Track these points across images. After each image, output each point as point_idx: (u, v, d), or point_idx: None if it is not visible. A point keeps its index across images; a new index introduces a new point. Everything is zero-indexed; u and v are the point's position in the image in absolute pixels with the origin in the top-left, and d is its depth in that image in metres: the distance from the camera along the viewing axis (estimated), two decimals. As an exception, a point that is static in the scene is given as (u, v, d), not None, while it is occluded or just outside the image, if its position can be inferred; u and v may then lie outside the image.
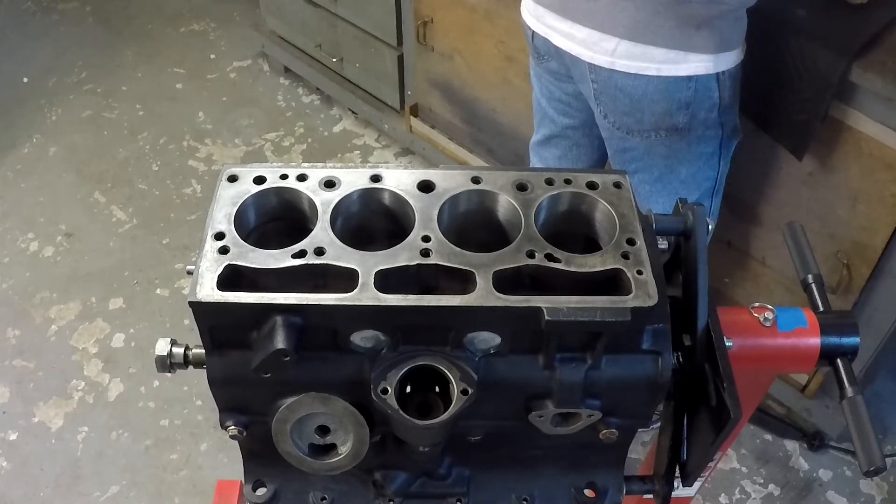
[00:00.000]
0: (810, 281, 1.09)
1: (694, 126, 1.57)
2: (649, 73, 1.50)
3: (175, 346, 0.85)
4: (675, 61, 1.48)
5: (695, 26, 1.44)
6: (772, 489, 2.13)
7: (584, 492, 0.94)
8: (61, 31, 3.48)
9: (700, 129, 1.58)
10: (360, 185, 0.83)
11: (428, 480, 0.94)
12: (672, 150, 1.62)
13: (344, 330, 0.77)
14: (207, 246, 0.77)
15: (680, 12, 1.42)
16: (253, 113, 3.12)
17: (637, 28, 1.46)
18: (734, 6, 1.44)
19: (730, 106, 1.58)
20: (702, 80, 1.50)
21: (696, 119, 1.56)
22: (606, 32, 1.49)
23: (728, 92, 1.54)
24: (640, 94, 1.53)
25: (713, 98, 1.53)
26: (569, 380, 0.80)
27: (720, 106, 1.55)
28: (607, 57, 1.51)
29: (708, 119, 1.57)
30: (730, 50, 1.50)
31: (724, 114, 1.58)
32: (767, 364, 1.05)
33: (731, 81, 1.54)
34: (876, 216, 1.67)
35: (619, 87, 1.54)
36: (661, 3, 1.42)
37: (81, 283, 2.58)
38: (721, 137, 1.62)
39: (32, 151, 3.00)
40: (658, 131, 1.59)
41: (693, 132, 1.59)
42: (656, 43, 1.47)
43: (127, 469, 2.17)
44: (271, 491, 0.93)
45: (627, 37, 1.47)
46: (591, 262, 0.78)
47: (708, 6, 1.42)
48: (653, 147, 1.62)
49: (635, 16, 1.45)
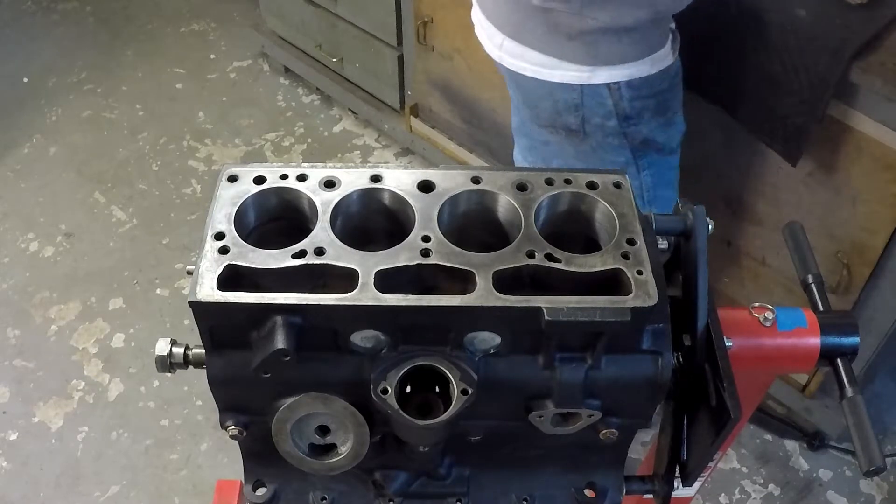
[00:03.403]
0: (810, 281, 1.09)
1: (591, 131, 1.54)
2: (527, 73, 1.50)
3: (175, 346, 0.85)
4: (548, 66, 1.47)
5: (565, 36, 1.42)
6: (772, 489, 2.13)
7: (584, 492, 0.94)
8: (61, 31, 3.48)
9: (599, 135, 1.54)
10: (360, 185, 0.83)
11: (428, 480, 0.94)
12: (579, 152, 1.59)
13: (344, 330, 0.77)
14: (207, 246, 0.77)
15: (549, 20, 1.41)
16: (253, 113, 3.12)
17: (516, 28, 1.47)
18: (606, 22, 1.39)
19: (635, 117, 1.52)
20: (588, 87, 1.47)
21: (591, 124, 1.52)
22: (495, 27, 1.51)
23: (630, 103, 1.49)
24: (530, 89, 1.53)
25: (607, 106, 1.49)
26: (569, 380, 0.80)
27: (618, 115, 1.50)
28: (497, 51, 1.53)
29: (606, 127, 1.52)
30: (620, 63, 1.44)
31: (626, 124, 1.52)
32: (767, 364, 1.05)
33: (634, 93, 1.48)
34: (876, 216, 1.67)
35: (512, 78, 1.55)
36: (532, 9, 1.41)
37: (81, 283, 2.58)
38: (629, 148, 1.57)
39: (32, 151, 3.00)
40: (556, 128, 1.56)
41: (593, 137, 1.55)
42: (532, 45, 1.47)
43: (127, 469, 2.17)
44: (271, 491, 0.93)
45: (510, 35, 1.48)
46: (591, 262, 0.78)
47: (576, 19, 1.39)
48: (563, 145, 1.59)
49: (514, 16, 1.46)
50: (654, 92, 1.51)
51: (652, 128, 1.56)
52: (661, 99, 1.53)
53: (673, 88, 1.55)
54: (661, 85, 1.51)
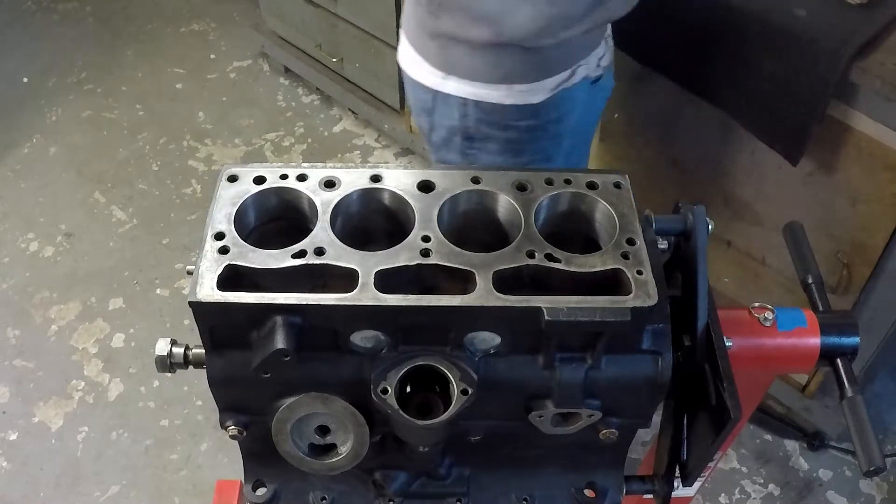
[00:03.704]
0: (810, 281, 1.09)
1: (437, 142, 1.50)
2: (401, 65, 1.49)
3: (175, 346, 0.85)
4: (414, 62, 1.44)
5: (428, 34, 1.39)
6: (772, 489, 2.13)
7: (584, 492, 0.94)
8: (61, 31, 3.48)
9: (444, 149, 1.50)
10: (360, 185, 0.83)
11: (428, 480, 0.94)
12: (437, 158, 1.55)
13: (344, 330, 0.77)
14: (207, 246, 0.77)
15: (417, 13, 1.39)
16: (253, 113, 3.12)
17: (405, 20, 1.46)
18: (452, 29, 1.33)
19: (479, 142, 1.45)
20: (440, 94, 1.42)
21: (438, 134, 1.49)
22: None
23: (476, 125, 1.42)
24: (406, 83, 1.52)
25: (453, 119, 1.44)
26: (569, 380, 0.80)
27: (462, 134, 1.45)
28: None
29: (451, 142, 1.48)
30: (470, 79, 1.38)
31: (468, 145, 1.46)
32: (767, 364, 1.05)
33: (483, 116, 1.41)
34: (876, 216, 1.67)
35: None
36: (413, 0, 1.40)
37: (81, 283, 2.58)
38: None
39: (32, 151, 3.00)
40: (421, 127, 1.53)
41: (439, 149, 1.51)
42: (407, 37, 1.46)
43: (127, 469, 2.17)
44: (271, 491, 0.93)
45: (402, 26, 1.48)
46: (591, 262, 0.78)
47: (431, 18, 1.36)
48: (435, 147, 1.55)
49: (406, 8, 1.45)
50: (506, 125, 1.42)
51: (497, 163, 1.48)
52: (514, 137, 1.44)
53: (536, 133, 1.45)
54: (519, 121, 1.42)
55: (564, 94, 1.43)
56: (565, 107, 1.45)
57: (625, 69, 1.89)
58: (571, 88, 1.44)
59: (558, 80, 1.41)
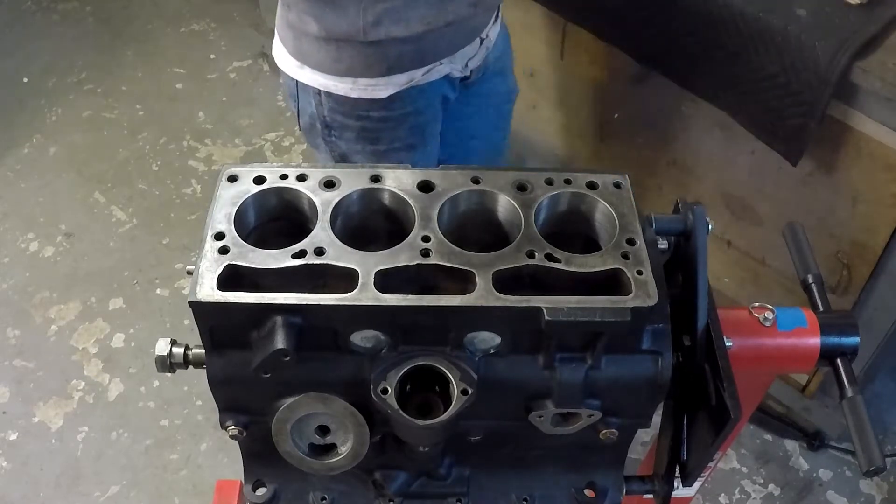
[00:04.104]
0: (810, 281, 1.09)
1: (305, 127, 1.53)
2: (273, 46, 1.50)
3: (175, 346, 0.85)
4: (280, 50, 1.47)
5: (286, 23, 1.41)
6: (772, 489, 2.13)
7: (584, 492, 0.94)
8: (61, 31, 3.48)
9: (311, 134, 1.53)
10: (359, 185, 0.83)
11: (428, 480, 0.94)
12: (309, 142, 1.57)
13: (344, 330, 0.77)
14: (207, 246, 0.77)
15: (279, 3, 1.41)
16: (253, 113, 3.12)
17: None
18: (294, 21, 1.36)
19: (336, 130, 1.48)
20: (300, 83, 1.45)
21: (304, 118, 1.51)
22: None
23: (331, 115, 1.46)
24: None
25: (312, 106, 1.47)
26: (569, 380, 0.80)
27: (321, 121, 1.48)
28: None
29: (314, 129, 1.50)
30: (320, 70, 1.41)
31: (327, 133, 1.49)
32: (767, 364, 1.05)
33: (335, 106, 1.45)
34: (876, 216, 1.67)
35: None
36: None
37: (81, 283, 2.58)
38: (331, 156, 1.54)
39: (32, 151, 2.99)
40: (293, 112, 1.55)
41: (308, 132, 1.54)
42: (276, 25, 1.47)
43: (127, 469, 2.17)
44: (271, 491, 0.93)
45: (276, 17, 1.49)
46: (591, 262, 0.78)
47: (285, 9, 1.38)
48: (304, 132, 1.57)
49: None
50: (357, 115, 1.45)
51: (355, 150, 1.51)
52: (367, 126, 1.47)
53: (391, 124, 1.48)
54: (369, 112, 1.44)
55: (418, 90, 1.44)
56: (422, 101, 1.47)
57: (625, 69, 1.89)
58: (427, 85, 1.45)
59: (408, 77, 1.42)
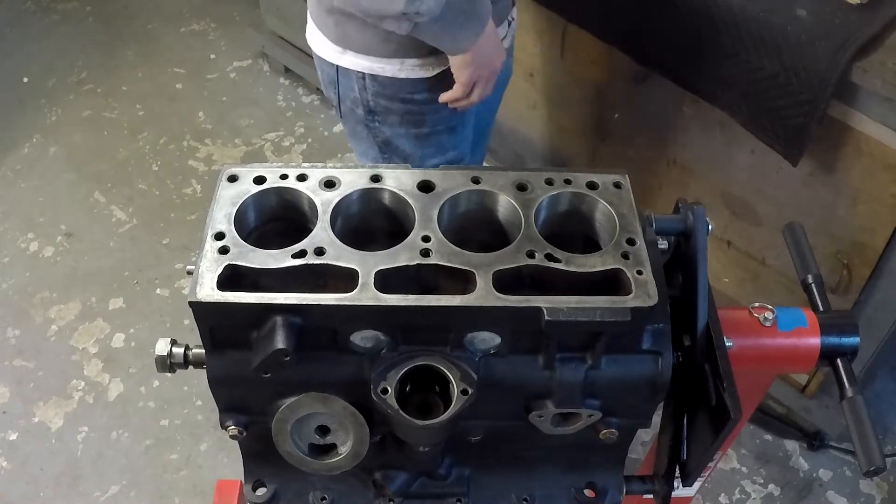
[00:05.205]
0: (810, 281, 1.09)
1: (346, 113, 1.54)
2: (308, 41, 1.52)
3: (175, 346, 0.85)
4: (316, 38, 1.49)
5: (326, 9, 1.42)
6: (772, 489, 2.13)
7: (584, 492, 0.94)
8: (61, 31, 3.48)
9: (352, 120, 1.54)
10: (360, 185, 0.83)
11: (428, 480, 0.94)
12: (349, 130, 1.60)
13: (344, 330, 0.77)
14: (207, 246, 0.77)
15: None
16: (253, 113, 3.12)
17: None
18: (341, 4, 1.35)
19: (380, 114, 1.49)
20: (341, 68, 1.46)
21: (346, 106, 1.53)
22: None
23: (374, 99, 1.47)
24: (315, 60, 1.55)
25: (354, 92, 1.48)
26: (569, 380, 0.80)
27: (364, 107, 1.49)
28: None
29: (356, 114, 1.52)
30: (365, 53, 1.42)
31: (370, 118, 1.51)
32: (767, 364, 1.05)
33: (379, 89, 1.46)
34: (876, 216, 1.67)
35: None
36: None
37: (81, 283, 2.58)
38: (374, 142, 1.55)
39: (32, 151, 2.99)
40: (331, 99, 1.56)
41: (348, 120, 1.55)
42: (311, 12, 1.49)
43: (127, 469, 2.17)
44: (271, 491, 0.93)
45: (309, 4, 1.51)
46: (591, 262, 0.78)
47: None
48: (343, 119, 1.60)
49: None
50: (402, 97, 1.46)
51: (398, 133, 1.52)
52: (412, 109, 1.48)
53: (433, 106, 1.49)
54: (414, 94, 1.46)
55: None
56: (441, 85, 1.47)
57: (625, 69, 1.89)
58: None
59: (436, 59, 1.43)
